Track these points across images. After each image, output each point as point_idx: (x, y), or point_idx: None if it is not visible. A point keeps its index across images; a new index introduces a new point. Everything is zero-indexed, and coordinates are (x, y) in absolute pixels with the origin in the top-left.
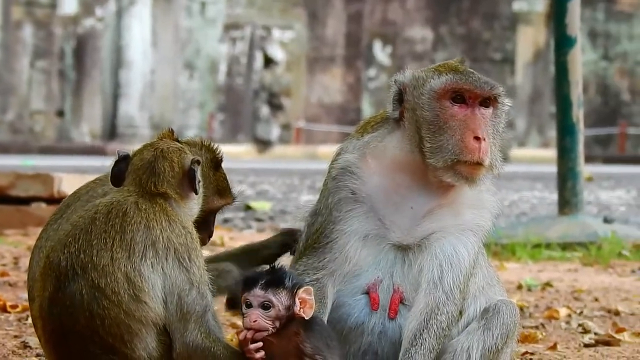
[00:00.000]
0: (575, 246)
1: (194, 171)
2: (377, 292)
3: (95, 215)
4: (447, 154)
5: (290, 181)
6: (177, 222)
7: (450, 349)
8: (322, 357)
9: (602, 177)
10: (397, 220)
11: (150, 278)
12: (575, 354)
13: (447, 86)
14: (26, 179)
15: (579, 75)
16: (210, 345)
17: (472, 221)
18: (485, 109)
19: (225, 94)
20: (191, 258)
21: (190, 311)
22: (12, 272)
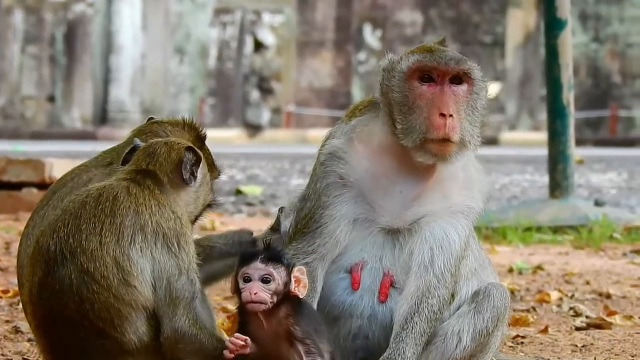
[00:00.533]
0: (567, 229)
1: (186, 159)
2: (359, 273)
3: (86, 200)
4: (416, 134)
5: (280, 165)
6: (167, 207)
7: (440, 332)
8: (312, 340)
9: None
10: (386, 205)
11: (139, 262)
12: (567, 337)
13: (413, 66)
14: (17, 164)
15: (569, 57)
16: (196, 332)
17: (462, 203)
18: (457, 86)
19: (216, 79)
20: (180, 244)
21: (179, 297)
22: (3, 257)
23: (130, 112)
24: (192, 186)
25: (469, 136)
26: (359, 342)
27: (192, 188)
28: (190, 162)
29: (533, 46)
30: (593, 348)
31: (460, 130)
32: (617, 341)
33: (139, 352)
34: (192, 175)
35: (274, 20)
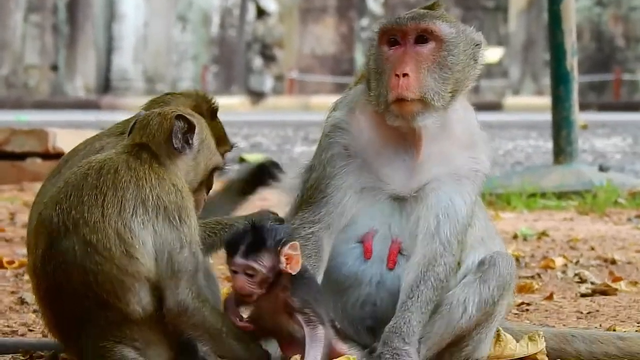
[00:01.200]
0: (571, 195)
1: (176, 127)
2: (371, 242)
3: (88, 172)
4: (382, 98)
5: (284, 132)
6: (167, 180)
7: (446, 301)
8: (310, 309)
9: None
10: (391, 173)
11: (141, 235)
12: (572, 303)
13: (380, 31)
14: (21, 134)
15: (572, 23)
16: (199, 306)
17: (466, 166)
18: (423, 45)
19: (219, 46)
20: (182, 217)
21: (181, 270)
22: (8, 227)
23: (133, 81)
24: (187, 154)
25: (432, 94)
26: (367, 310)
27: (189, 155)
28: (181, 130)
29: (536, 11)
30: (598, 315)
31: (421, 89)
32: (622, 307)
33: (144, 322)
34: (186, 143)
35: None
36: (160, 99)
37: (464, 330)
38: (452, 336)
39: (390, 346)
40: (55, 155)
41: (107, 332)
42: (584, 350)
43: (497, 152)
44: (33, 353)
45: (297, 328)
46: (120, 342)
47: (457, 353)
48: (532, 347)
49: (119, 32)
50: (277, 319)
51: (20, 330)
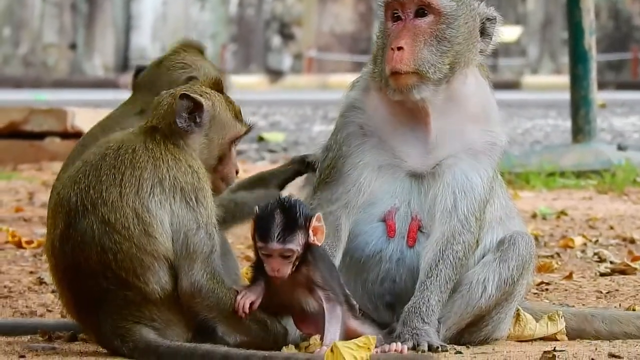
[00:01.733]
0: (590, 174)
1: (179, 107)
2: (394, 220)
3: (106, 152)
4: (383, 73)
5: (302, 111)
6: (183, 161)
7: (466, 281)
8: (330, 287)
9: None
10: (408, 150)
11: (158, 214)
12: (591, 283)
13: (384, 6)
14: (40, 113)
15: (590, 2)
16: (214, 287)
17: (481, 140)
18: (422, 18)
19: (237, 25)
20: (198, 198)
21: (197, 250)
22: (26, 207)
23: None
24: (197, 132)
25: (428, 66)
26: (387, 286)
27: (200, 133)
28: (185, 109)
29: None
30: (618, 294)
31: (415, 61)
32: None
33: (162, 302)
34: (193, 122)
35: None
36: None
37: (484, 310)
38: (471, 316)
39: (409, 326)
40: (74, 135)
41: (126, 312)
42: (604, 330)
43: (515, 131)
44: (52, 334)
45: (312, 304)
46: (139, 322)
47: (477, 333)
48: (552, 327)
49: (137, 11)
50: (295, 295)
51: (39, 311)
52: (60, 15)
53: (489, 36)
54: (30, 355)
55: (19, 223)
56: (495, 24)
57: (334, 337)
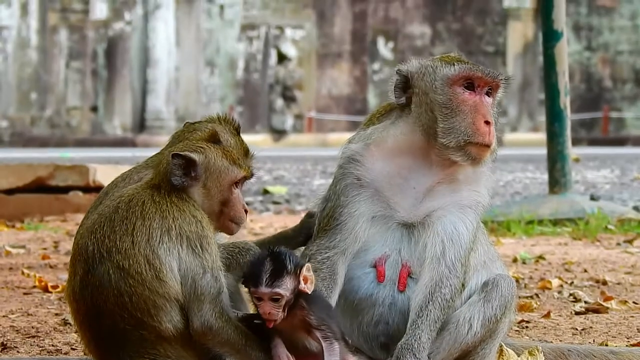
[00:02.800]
0: (565, 222)
1: (169, 166)
2: (384, 266)
3: (119, 205)
4: (460, 135)
5: (303, 167)
6: (187, 212)
7: (453, 319)
8: (327, 326)
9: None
10: (401, 201)
11: (167, 261)
12: (568, 321)
13: (460, 74)
14: (64, 169)
15: (565, 65)
16: (222, 325)
17: (469, 197)
18: (488, 97)
19: (243, 88)
20: (203, 245)
21: (204, 293)
22: (52, 255)
23: (167, 120)
24: (194, 185)
25: (496, 143)
26: (380, 328)
27: (197, 185)
28: (175, 168)
29: (531, 55)
30: (592, 331)
31: (495, 137)
32: (613, 324)
33: (176, 339)
34: (188, 177)
35: (296, 35)
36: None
37: (470, 346)
38: (458, 351)
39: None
40: (95, 189)
41: (142, 350)
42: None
43: (497, 184)
44: None
45: (313, 343)
46: (155, 359)
47: None
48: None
49: (153, 76)
50: (295, 336)
51: (64, 349)
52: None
53: None
54: None
55: (45, 269)
56: None
57: None
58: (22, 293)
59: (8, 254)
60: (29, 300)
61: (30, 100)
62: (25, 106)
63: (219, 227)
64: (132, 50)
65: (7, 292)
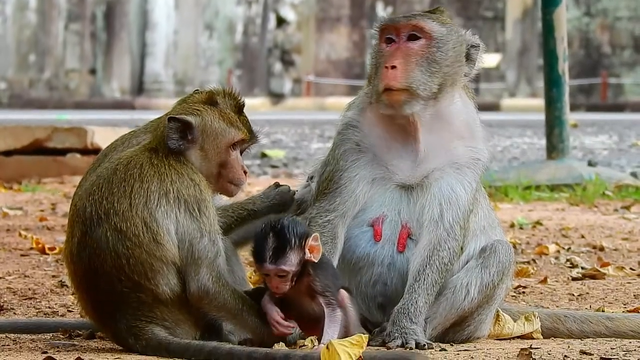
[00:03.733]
0: (563, 187)
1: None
2: (381, 226)
3: (117, 167)
4: (374, 89)
5: (301, 131)
6: (185, 175)
7: (450, 285)
8: (330, 292)
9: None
10: (399, 164)
11: (164, 224)
12: (564, 286)
13: (378, 30)
14: (62, 132)
15: (564, 31)
16: (220, 289)
17: (466, 155)
18: (415, 41)
19: (242, 52)
20: (200, 209)
21: (201, 257)
22: (50, 217)
23: (165, 83)
24: (191, 148)
25: (419, 84)
26: (378, 288)
27: (195, 148)
28: (174, 131)
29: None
30: (588, 297)
31: (408, 79)
32: (610, 290)
33: (172, 303)
34: (185, 140)
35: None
36: (188, 97)
37: (467, 312)
38: (455, 317)
39: (398, 325)
40: (93, 151)
41: (139, 312)
42: (576, 329)
43: (495, 149)
44: (72, 332)
45: (317, 309)
46: (151, 321)
47: (460, 332)
48: (528, 326)
49: (151, 39)
50: (300, 302)
51: (60, 311)
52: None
53: (473, 61)
54: (52, 351)
55: (42, 231)
56: (478, 51)
57: (331, 338)
58: (19, 255)
59: (5, 216)
60: (26, 262)
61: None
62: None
63: (217, 190)
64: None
65: (4, 254)
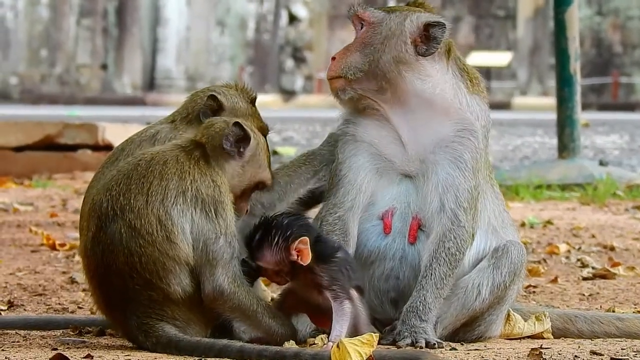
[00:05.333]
0: (574, 187)
1: (229, 131)
2: (390, 219)
3: (139, 162)
4: None
5: (312, 128)
6: (208, 176)
7: (462, 285)
8: (338, 286)
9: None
10: (393, 152)
11: (180, 222)
12: (575, 286)
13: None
14: (73, 128)
15: (575, 31)
16: (235, 290)
17: (453, 130)
18: (361, 29)
19: (254, 49)
20: (217, 210)
21: (216, 257)
22: (60, 213)
23: (176, 79)
24: (236, 159)
25: (348, 69)
26: (391, 282)
27: (238, 162)
28: (234, 136)
29: (542, 19)
30: (599, 297)
31: (340, 67)
32: (620, 290)
33: (183, 302)
34: (237, 149)
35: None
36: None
37: (478, 312)
38: (466, 317)
39: (408, 324)
40: (104, 147)
41: (150, 310)
42: (586, 329)
43: (506, 148)
44: (82, 329)
45: (325, 302)
46: (162, 319)
47: (471, 332)
48: (539, 326)
49: (163, 35)
50: (307, 294)
51: (70, 308)
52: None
53: (434, 39)
54: (62, 348)
55: (53, 227)
56: (439, 29)
57: (339, 334)
58: (29, 251)
59: (16, 212)
60: (36, 258)
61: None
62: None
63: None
64: (143, 9)
65: (14, 250)
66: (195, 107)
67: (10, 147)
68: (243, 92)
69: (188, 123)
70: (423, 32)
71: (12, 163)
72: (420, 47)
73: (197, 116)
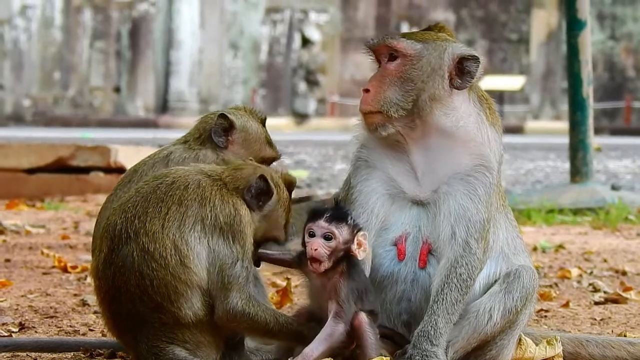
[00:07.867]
0: (586, 211)
1: (253, 184)
2: (404, 244)
3: (159, 185)
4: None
5: (325, 151)
6: (229, 204)
7: (473, 309)
8: (347, 304)
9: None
10: (404, 181)
11: (196, 248)
12: (586, 310)
13: (365, 52)
14: (85, 150)
15: (588, 55)
16: (249, 311)
17: (470, 163)
18: (392, 62)
19: (267, 71)
20: (235, 238)
21: (232, 282)
22: (72, 235)
23: (189, 102)
24: (254, 211)
25: (390, 106)
26: (403, 305)
27: (256, 214)
28: (257, 188)
29: (555, 43)
30: (610, 321)
31: (379, 102)
32: (632, 315)
33: (194, 325)
34: (257, 202)
35: (320, 19)
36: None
37: (489, 336)
38: (477, 341)
39: (419, 348)
40: (116, 170)
41: (160, 333)
42: (598, 354)
43: (518, 172)
44: (93, 351)
45: None
46: (172, 342)
47: (482, 356)
48: (550, 350)
49: (176, 58)
50: (324, 300)
51: (81, 330)
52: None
53: (469, 73)
54: None
55: (64, 250)
56: (474, 63)
57: (311, 354)
58: (41, 273)
59: (28, 234)
60: (47, 280)
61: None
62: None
63: None
64: (156, 32)
65: (26, 272)
66: (207, 127)
67: (23, 169)
68: (252, 113)
69: (201, 144)
70: (457, 65)
71: (24, 185)
72: (455, 80)
73: (209, 136)
